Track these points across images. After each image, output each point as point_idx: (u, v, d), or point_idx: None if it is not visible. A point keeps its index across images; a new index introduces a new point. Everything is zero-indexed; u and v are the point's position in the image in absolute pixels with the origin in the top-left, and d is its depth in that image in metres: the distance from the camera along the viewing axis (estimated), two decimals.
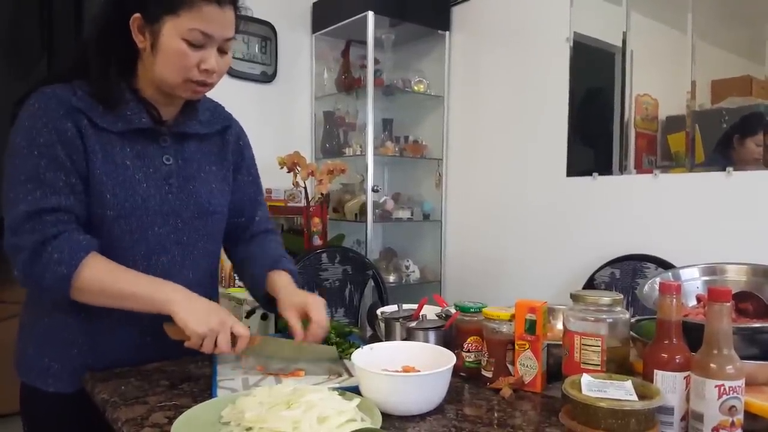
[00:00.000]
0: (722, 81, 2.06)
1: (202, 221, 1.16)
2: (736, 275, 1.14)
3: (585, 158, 2.49)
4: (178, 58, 1.01)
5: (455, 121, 3.05)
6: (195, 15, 0.99)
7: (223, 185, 1.21)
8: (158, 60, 1.03)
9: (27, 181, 0.98)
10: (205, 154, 1.18)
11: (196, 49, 1.01)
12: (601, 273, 2.28)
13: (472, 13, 2.95)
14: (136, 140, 1.08)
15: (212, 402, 0.88)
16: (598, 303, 0.92)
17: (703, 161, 2.10)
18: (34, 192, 0.98)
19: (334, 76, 3.10)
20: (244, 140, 1.30)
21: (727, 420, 0.75)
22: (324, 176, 2.64)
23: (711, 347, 0.77)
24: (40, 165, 0.98)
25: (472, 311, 1.09)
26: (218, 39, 1.03)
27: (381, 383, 0.88)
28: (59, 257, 0.96)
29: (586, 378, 0.83)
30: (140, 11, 1.02)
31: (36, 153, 0.99)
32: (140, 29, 1.03)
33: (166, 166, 1.11)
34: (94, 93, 1.04)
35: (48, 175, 0.99)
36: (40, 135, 0.99)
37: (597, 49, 2.47)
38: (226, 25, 1.03)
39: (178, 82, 1.04)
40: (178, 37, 1.00)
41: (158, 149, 1.11)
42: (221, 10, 1.01)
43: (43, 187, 0.98)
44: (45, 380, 1.08)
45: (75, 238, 0.99)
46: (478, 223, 2.93)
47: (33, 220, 0.97)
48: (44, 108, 1.00)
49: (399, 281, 3.04)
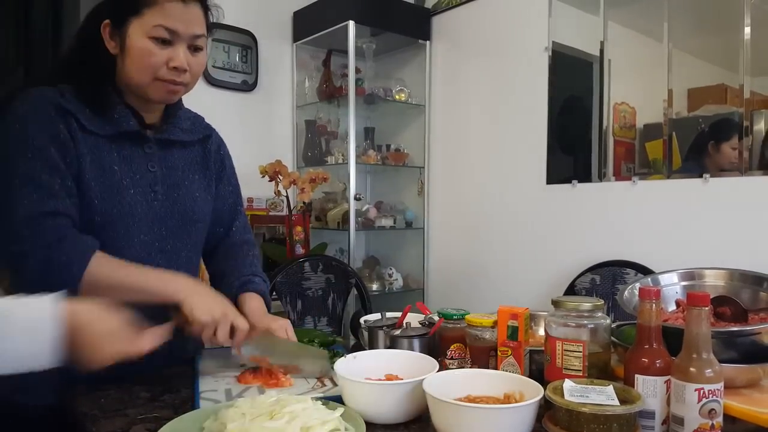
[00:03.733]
0: (698, 89, 2.10)
1: (186, 230, 1.16)
2: (714, 280, 1.16)
3: (564, 166, 2.51)
4: (145, 56, 1.02)
5: (437, 130, 3.07)
6: (158, 12, 1.01)
7: (206, 194, 1.21)
8: (127, 62, 1.03)
9: (22, 185, 0.96)
10: (188, 163, 1.19)
11: (163, 47, 1.02)
12: (581, 279, 2.30)
13: (452, 23, 2.98)
14: (122, 145, 1.07)
15: (194, 413, 0.87)
16: (579, 309, 0.93)
17: (680, 168, 2.14)
18: (31, 195, 0.95)
19: (316, 84, 3.10)
20: (224, 150, 1.30)
21: (707, 423, 0.76)
22: (306, 185, 2.63)
23: (690, 351, 0.78)
24: (35, 167, 0.96)
25: (455, 318, 1.10)
26: (185, 36, 1.03)
27: (364, 392, 0.87)
28: (68, 259, 0.95)
29: (568, 383, 0.84)
30: (108, 17, 1.04)
31: (30, 156, 0.96)
32: (111, 35, 1.05)
33: (151, 173, 1.10)
34: (81, 96, 1.03)
35: (44, 177, 0.96)
36: (33, 137, 0.97)
37: (575, 59, 2.51)
38: (191, 21, 1.04)
39: (147, 82, 1.04)
40: (143, 36, 1.01)
41: (143, 156, 1.10)
42: (185, 6, 1.03)
43: (39, 190, 0.96)
44: (24, 393, 1.05)
45: (80, 238, 0.98)
46: (460, 231, 2.94)
47: (33, 225, 0.95)
48: (34, 109, 0.99)
49: (382, 289, 3.03)
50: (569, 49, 2.50)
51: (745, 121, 1.96)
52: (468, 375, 0.94)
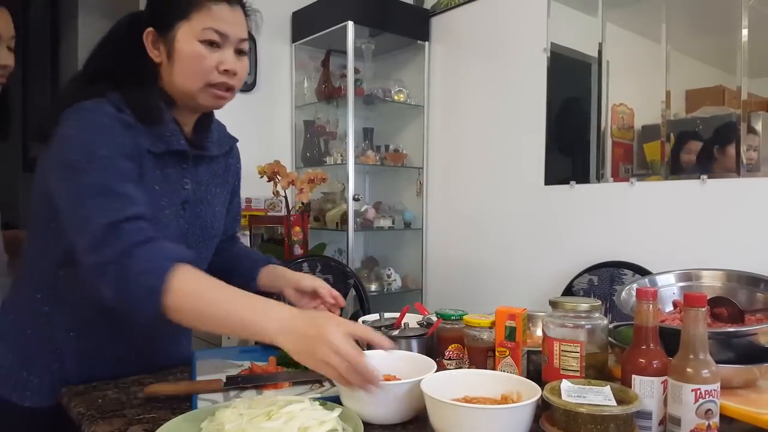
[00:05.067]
0: (696, 91, 2.11)
1: (205, 244, 1.15)
2: (711, 281, 1.17)
3: (563, 167, 2.52)
4: (197, 60, 1.00)
5: (435, 130, 3.07)
6: (206, 15, 0.99)
7: (222, 208, 1.21)
8: (176, 68, 1.01)
9: (98, 195, 0.89)
10: (212, 176, 1.16)
11: (213, 50, 1.00)
12: (579, 280, 2.30)
13: (451, 24, 2.98)
14: (165, 162, 1.04)
15: (191, 414, 0.87)
16: (577, 309, 0.93)
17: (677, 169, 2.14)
18: (109, 204, 0.89)
19: (314, 85, 3.10)
20: (240, 162, 1.29)
21: (703, 423, 0.76)
22: (305, 185, 2.63)
23: (687, 352, 0.78)
24: (106, 177, 0.90)
25: (454, 319, 1.10)
26: (233, 38, 1.02)
27: (361, 392, 0.87)
28: (146, 267, 0.85)
29: (566, 384, 0.84)
30: (152, 24, 1.01)
31: (100, 166, 0.91)
32: (154, 43, 1.02)
33: (184, 191, 1.08)
34: (136, 112, 0.99)
35: (118, 186, 0.91)
36: (100, 148, 0.92)
37: (573, 60, 2.51)
38: (238, 24, 1.03)
39: (199, 87, 1.01)
40: (193, 40, 0.99)
41: (180, 172, 1.07)
42: (231, 10, 1.02)
43: (119, 197, 0.90)
44: (22, 394, 1.05)
45: (163, 245, 0.89)
46: (458, 231, 2.95)
47: (113, 231, 0.86)
48: (99, 122, 0.94)
49: (381, 290, 3.03)
50: (568, 50, 2.51)
51: (742, 123, 1.96)
52: (465, 375, 0.94)
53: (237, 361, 1.17)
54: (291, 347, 0.84)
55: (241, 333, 0.88)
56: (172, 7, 1.01)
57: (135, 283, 0.84)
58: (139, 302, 0.85)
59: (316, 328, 0.83)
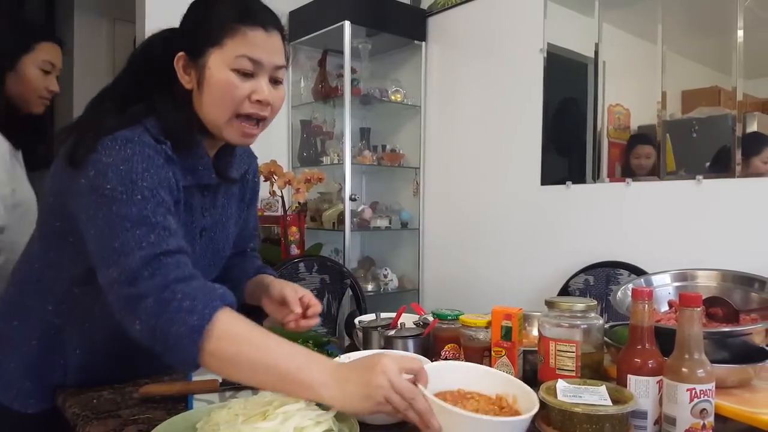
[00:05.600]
0: (692, 91, 2.12)
1: (216, 266, 1.13)
2: (706, 281, 1.17)
3: (559, 167, 2.52)
4: (228, 89, 0.93)
5: (432, 130, 3.07)
6: (240, 41, 0.92)
7: (236, 228, 1.17)
8: (206, 96, 0.94)
9: (136, 226, 0.84)
10: (228, 197, 1.12)
11: (246, 79, 0.94)
12: (575, 280, 2.30)
13: (447, 24, 2.98)
14: (192, 194, 1.00)
15: (187, 414, 0.86)
16: (573, 309, 0.93)
17: (674, 170, 2.15)
18: (148, 236, 0.84)
19: (311, 84, 3.10)
20: (257, 177, 1.24)
21: (698, 423, 0.76)
22: (301, 185, 2.63)
23: (682, 352, 0.79)
24: (146, 208, 0.85)
25: (450, 319, 1.10)
26: (268, 66, 0.95)
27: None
28: (190, 305, 0.80)
29: (562, 384, 0.84)
30: (183, 48, 0.95)
31: (140, 197, 0.85)
32: (185, 68, 0.96)
33: (203, 219, 1.05)
34: (170, 136, 0.94)
35: (158, 218, 0.86)
36: (142, 179, 0.87)
37: (570, 60, 2.51)
38: (274, 51, 0.96)
39: (228, 118, 0.95)
40: (225, 68, 0.92)
41: (200, 201, 1.03)
42: (267, 35, 0.94)
43: (157, 229, 0.85)
44: (25, 402, 1.03)
45: (208, 285, 0.84)
46: (455, 231, 2.95)
47: (152, 264, 0.82)
48: (140, 154, 0.88)
49: (377, 290, 3.03)
50: (564, 51, 2.51)
51: (737, 124, 1.97)
52: (463, 368, 0.93)
53: None
54: (338, 390, 0.78)
55: (281, 386, 0.81)
56: (204, 32, 0.94)
57: (174, 321, 0.79)
58: (177, 341, 0.79)
59: (371, 364, 0.79)
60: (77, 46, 3.51)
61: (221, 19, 0.93)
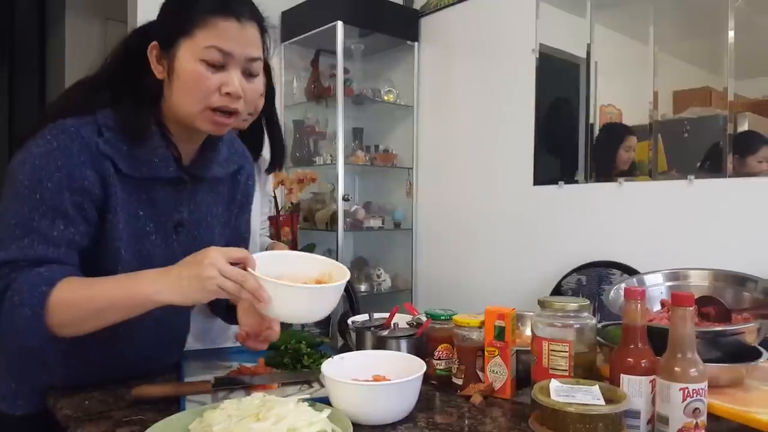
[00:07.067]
0: (683, 92, 2.13)
1: None
2: (699, 280, 1.17)
3: (551, 167, 2.53)
4: (196, 81, 0.91)
5: (425, 131, 3.07)
6: (210, 32, 0.90)
7: (224, 228, 1.14)
8: (175, 87, 0.93)
9: (16, 226, 0.87)
10: (214, 196, 1.10)
11: (216, 71, 0.92)
12: (568, 279, 2.31)
13: (440, 25, 2.99)
14: (152, 186, 0.98)
15: (179, 415, 0.86)
16: (566, 309, 0.93)
17: (665, 169, 2.16)
18: (21, 240, 0.86)
19: (304, 85, 3.09)
20: (253, 179, 1.20)
21: (691, 422, 0.76)
22: (294, 185, 2.62)
23: (675, 351, 0.79)
24: (37, 210, 0.87)
25: (443, 319, 1.10)
26: (240, 58, 0.93)
27: (350, 393, 0.87)
28: (20, 298, 0.84)
29: (555, 383, 0.84)
30: (157, 38, 0.94)
31: (38, 197, 0.87)
32: (158, 59, 0.95)
33: (178, 215, 1.02)
34: (121, 127, 0.94)
35: (42, 223, 0.87)
36: (49, 179, 0.88)
37: (562, 60, 2.52)
38: (247, 42, 0.94)
39: (197, 110, 0.93)
40: (194, 59, 0.91)
41: (172, 195, 1.01)
42: (240, 26, 0.92)
43: (32, 234, 0.87)
44: (12, 403, 1.03)
45: (32, 272, 0.86)
46: (448, 232, 2.95)
47: (6, 268, 0.86)
48: (63, 149, 0.89)
49: (370, 290, 3.03)
50: (556, 51, 2.52)
51: (729, 124, 1.98)
52: (282, 256, 1.03)
53: (225, 362, 1.17)
54: (173, 291, 0.84)
55: (124, 313, 0.87)
56: (175, 21, 0.93)
57: (15, 316, 0.84)
58: (25, 334, 0.86)
59: (199, 259, 0.85)
60: (69, 46, 3.49)
61: (193, 9, 0.93)
